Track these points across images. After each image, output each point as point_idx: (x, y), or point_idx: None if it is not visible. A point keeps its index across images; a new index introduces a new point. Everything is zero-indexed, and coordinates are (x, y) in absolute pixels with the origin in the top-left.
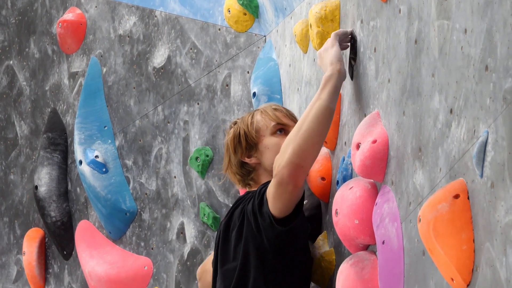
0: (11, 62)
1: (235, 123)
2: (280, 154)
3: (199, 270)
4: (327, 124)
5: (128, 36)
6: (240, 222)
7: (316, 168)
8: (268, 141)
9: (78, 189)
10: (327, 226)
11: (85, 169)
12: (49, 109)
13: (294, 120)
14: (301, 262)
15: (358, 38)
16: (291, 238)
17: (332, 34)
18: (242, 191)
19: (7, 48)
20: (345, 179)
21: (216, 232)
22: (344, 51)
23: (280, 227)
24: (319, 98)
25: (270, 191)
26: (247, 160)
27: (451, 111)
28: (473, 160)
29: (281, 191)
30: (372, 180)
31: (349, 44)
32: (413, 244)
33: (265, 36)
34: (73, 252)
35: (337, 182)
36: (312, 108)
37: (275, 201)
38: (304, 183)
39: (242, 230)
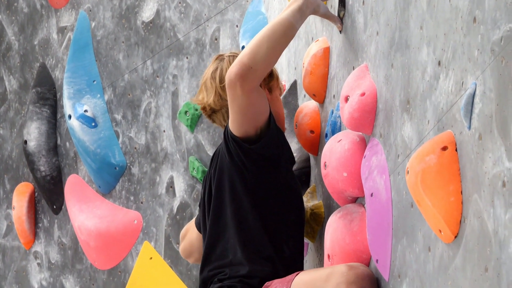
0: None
1: (222, 56)
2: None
3: (182, 232)
4: (285, 36)
5: None
6: (218, 161)
7: (305, 121)
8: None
9: (67, 143)
10: (316, 179)
11: (74, 123)
12: (38, 64)
13: None
14: (287, 194)
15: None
16: (266, 162)
17: None
18: None
19: None
20: (333, 132)
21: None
22: (332, 5)
23: (247, 146)
24: (280, 13)
25: (229, 105)
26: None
27: (439, 63)
28: (461, 112)
29: (231, 95)
30: (360, 133)
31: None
32: (401, 196)
33: None
34: (63, 207)
35: (326, 135)
36: (272, 21)
37: (231, 113)
38: (293, 136)
39: (223, 166)
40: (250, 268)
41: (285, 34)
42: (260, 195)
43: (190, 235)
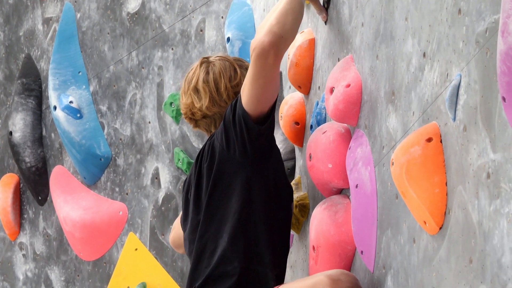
0: None
1: (209, 60)
2: (257, 33)
3: (174, 224)
4: (300, 10)
5: None
6: (210, 154)
7: (290, 112)
8: None
9: (52, 134)
10: (301, 170)
11: (59, 114)
12: (23, 55)
13: None
14: (279, 184)
15: None
16: (269, 143)
17: None
18: None
19: None
20: (319, 123)
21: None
22: None
23: (256, 125)
24: None
25: (246, 79)
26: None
27: (424, 55)
28: (445, 104)
29: (260, 66)
30: (345, 124)
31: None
32: (386, 188)
33: None
34: (48, 198)
35: (311, 126)
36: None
37: (252, 88)
38: (278, 127)
39: (214, 160)
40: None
41: (300, 8)
42: (263, 191)
43: (179, 229)
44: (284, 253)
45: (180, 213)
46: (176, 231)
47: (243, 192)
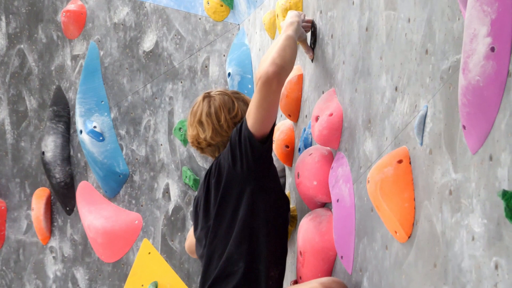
0: (22, 46)
1: (210, 95)
2: (260, 65)
3: (189, 231)
4: (295, 47)
5: (122, 24)
6: (217, 172)
7: (281, 137)
8: None
9: (78, 154)
10: (290, 186)
11: (84, 137)
12: (54, 86)
13: None
14: (278, 196)
15: (318, 26)
16: (268, 160)
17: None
18: None
19: (19, 34)
20: (306, 146)
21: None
22: (306, 38)
23: (260, 144)
24: (281, 34)
25: (252, 104)
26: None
27: (396, 89)
28: (414, 131)
29: (265, 92)
30: (328, 148)
31: (310, 29)
32: (363, 202)
33: (238, 24)
34: (75, 208)
35: (299, 149)
36: (280, 37)
37: (257, 111)
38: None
39: (221, 176)
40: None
41: (295, 45)
42: (266, 202)
43: (193, 238)
44: (283, 254)
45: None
46: (190, 240)
47: (248, 203)
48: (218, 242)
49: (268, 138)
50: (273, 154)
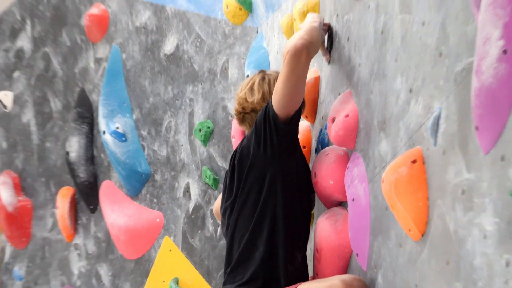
0: (46, 49)
1: (266, 72)
2: (287, 43)
3: (218, 199)
4: (319, 34)
5: (144, 28)
6: (241, 153)
7: (299, 138)
8: None
9: (102, 154)
10: None
11: (108, 138)
12: (78, 88)
13: None
14: (301, 179)
15: (334, 30)
16: (293, 143)
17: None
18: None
19: (44, 37)
20: (322, 147)
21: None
22: (324, 41)
23: (284, 125)
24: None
25: (278, 82)
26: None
27: (410, 91)
28: (428, 131)
29: (293, 64)
30: (344, 148)
31: (327, 32)
32: (377, 201)
33: (257, 28)
34: (98, 207)
35: (316, 149)
36: (304, 25)
37: (284, 87)
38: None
39: (245, 157)
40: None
41: (318, 33)
42: (290, 191)
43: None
44: (304, 240)
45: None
46: (217, 204)
47: (269, 185)
48: (241, 223)
49: (292, 120)
50: None
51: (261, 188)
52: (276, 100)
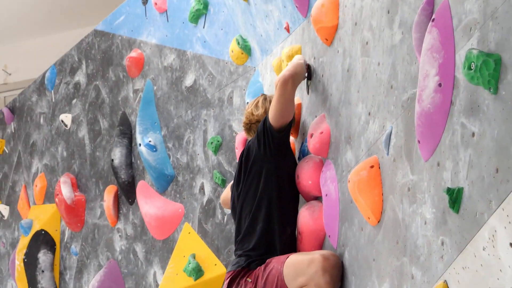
0: (97, 82)
1: (267, 95)
2: (279, 74)
3: (224, 191)
4: (302, 67)
5: (170, 67)
6: (247, 153)
7: None
8: None
9: (138, 161)
10: None
11: (142, 149)
12: (121, 112)
13: None
14: (291, 173)
15: (312, 68)
16: (284, 148)
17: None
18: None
19: (95, 74)
20: (303, 155)
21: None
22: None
23: (277, 133)
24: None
25: (272, 102)
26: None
27: (369, 114)
28: (382, 144)
29: (283, 90)
30: (320, 156)
31: (307, 70)
32: (344, 196)
33: (255, 67)
34: (135, 200)
35: (298, 157)
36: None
37: (276, 106)
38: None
39: (250, 156)
40: (260, 242)
41: (302, 66)
42: (283, 181)
43: (227, 194)
44: (294, 217)
45: (231, 183)
46: (226, 193)
47: (266, 177)
48: (246, 204)
49: (283, 130)
50: None
51: (260, 179)
52: (271, 115)
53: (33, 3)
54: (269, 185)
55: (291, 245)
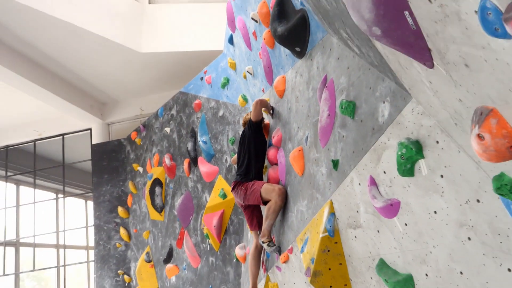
0: (181, 114)
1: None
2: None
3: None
4: (266, 101)
5: (212, 107)
6: (243, 133)
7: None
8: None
9: (198, 148)
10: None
11: (200, 143)
12: (191, 127)
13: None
14: (263, 141)
15: (274, 108)
16: (258, 131)
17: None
18: None
19: (179, 110)
20: (269, 145)
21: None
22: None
23: (254, 124)
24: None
25: (252, 110)
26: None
27: (298, 127)
28: (303, 140)
29: (255, 106)
30: (278, 146)
31: (271, 111)
32: (288, 163)
33: (249, 107)
34: (197, 165)
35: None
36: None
37: (254, 112)
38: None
39: (245, 134)
40: (249, 171)
41: (265, 101)
42: (257, 145)
43: (234, 157)
44: (262, 161)
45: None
46: (234, 157)
47: (249, 144)
48: (242, 157)
49: (258, 122)
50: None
51: (249, 144)
52: (252, 116)
53: (154, 75)
54: (251, 146)
55: (259, 174)
